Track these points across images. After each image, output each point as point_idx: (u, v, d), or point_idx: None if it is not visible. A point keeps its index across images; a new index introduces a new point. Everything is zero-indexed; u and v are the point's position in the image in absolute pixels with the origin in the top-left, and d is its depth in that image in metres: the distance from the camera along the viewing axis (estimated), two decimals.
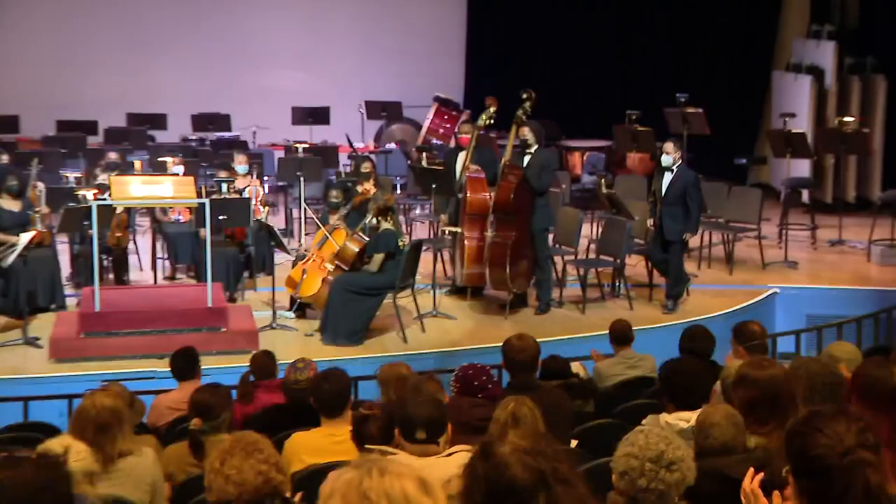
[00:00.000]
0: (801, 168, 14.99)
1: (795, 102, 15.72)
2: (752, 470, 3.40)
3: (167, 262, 12.53)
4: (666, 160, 11.03)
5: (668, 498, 3.38)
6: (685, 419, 4.99)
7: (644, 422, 3.93)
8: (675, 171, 10.98)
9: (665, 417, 5.10)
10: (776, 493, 3.34)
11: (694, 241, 13.09)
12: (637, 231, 12.04)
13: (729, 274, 12.77)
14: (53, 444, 4.47)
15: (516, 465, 2.59)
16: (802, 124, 15.02)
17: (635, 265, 12.34)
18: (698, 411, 4.83)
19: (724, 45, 17.08)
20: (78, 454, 4.32)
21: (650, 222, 11.24)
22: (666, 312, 11.15)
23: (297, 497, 4.36)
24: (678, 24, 17.34)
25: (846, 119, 14.42)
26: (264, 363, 7.71)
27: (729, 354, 7.00)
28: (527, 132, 11.28)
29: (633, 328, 8.50)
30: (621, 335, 8.32)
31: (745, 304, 11.61)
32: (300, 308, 11.07)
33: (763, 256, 12.94)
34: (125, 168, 12.92)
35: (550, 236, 11.75)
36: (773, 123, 15.91)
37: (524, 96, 11.25)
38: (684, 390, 5.30)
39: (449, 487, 3.28)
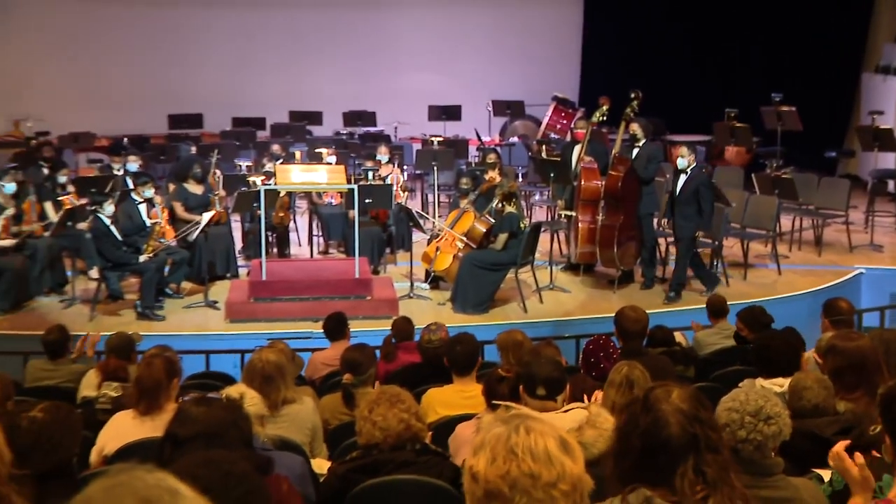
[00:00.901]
0: (888, 161, 14.46)
1: (883, 101, 15.25)
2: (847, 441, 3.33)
3: (321, 239, 12.72)
4: (681, 163, 10.55)
5: (765, 449, 3.31)
6: (779, 384, 4.86)
7: (741, 385, 3.88)
8: (689, 173, 10.51)
9: (760, 382, 4.96)
10: (857, 454, 3.29)
11: (785, 226, 12.82)
12: (734, 216, 11.85)
13: (818, 256, 12.42)
14: (231, 391, 4.56)
15: (674, 425, 2.57)
16: (889, 121, 14.50)
17: (732, 247, 12.10)
18: (791, 378, 4.71)
19: (816, 49, 16.53)
20: (251, 400, 4.41)
21: (665, 222, 10.87)
22: (666, 302, 10.63)
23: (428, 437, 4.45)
24: (774, 28, 16.88)
25: None
26: (403, 327, 7.79)
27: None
28: (635, 128, 11.18)
29: (728, 302, 8.39)
30: (718, 308, 8.21)
31: (832, 283, 11.27)
32: (434, 280, 11.14)
33: (850, 240, 12.54)
34: (287, 158, 13.14)
35: (655, 220, 11.63)
36: (863, 120, 15.39)
37: (632, 96, 11.11)
38: (775, 362, 5.14)
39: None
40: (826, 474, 3.71)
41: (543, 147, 14.04)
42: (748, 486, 2.76)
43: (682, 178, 10.60)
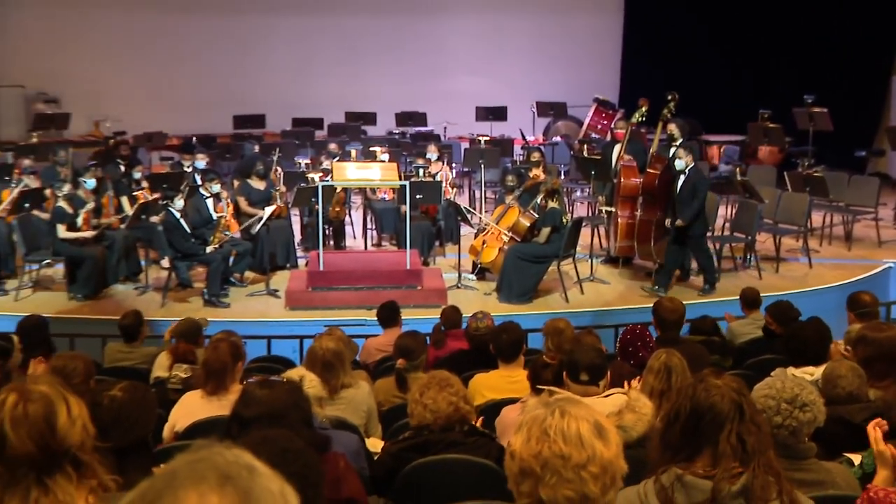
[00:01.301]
0: None
1: None
2: (879, 419, 3.30)
3: (375, 232, 12.72)
4: (679, 164, 10.28)
5: (799, 434, 3.30)
6: (809, 373, 4.81)
7: (773, 374, 3.85)
8: (687, 173, 10.25)
9: (792, 371, 4.92)
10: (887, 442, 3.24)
11: (816, 221, 12.59)
12: (767, 213, 11.71)
13: (847, 250, 12.21)
14: (292, 374, 4.55)
15: (722, 395, 2.66)
16: None
17: (764, 241, 11.95)
18: (822, 367, 4.66)
19: (848, 53, 16.25)
20: (311, 383, 4.42)
21: (668, 221, 10.67)
22: (700, 294, 10.43)
23: (479, 422, 4.45)
24: (806, 33, 16.60)
25: None
26: (452, 315, 7.77)
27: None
28: (673, 128, 11.09)
29: (761, 294, 8.28)
30: (751, 300, 8.11)
31: (861, 277, 11.06)
32: (480, 272, 11.10)
33: (879, 235, 12.37)
34: (343, 156, 13.13)
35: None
36: (892, 121, 15.15)
37: (669, 97, 11.03)
38: (805, 352, 5.08)
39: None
40: (857, 458, 3.68)
41: (585, 146, 13.99)
42: (783, 468, 2.76)
43: (682, 178, 10.36)
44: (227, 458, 1.26)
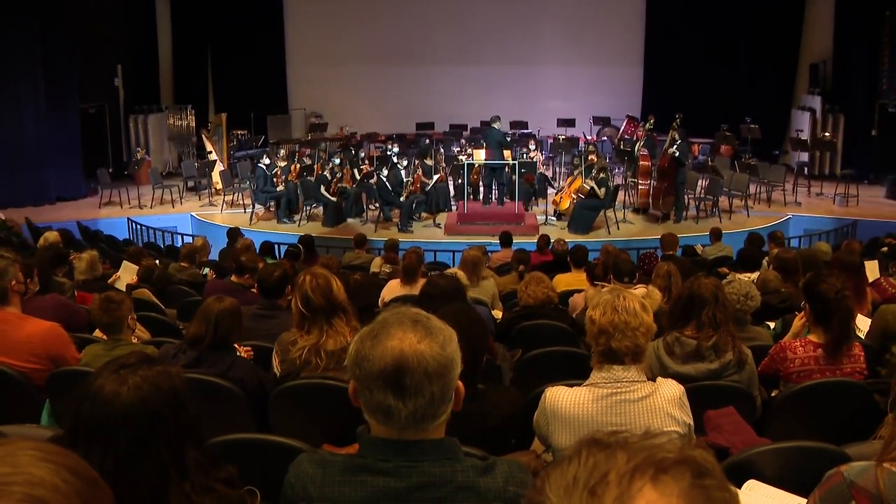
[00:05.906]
0: (804, 156, 13.45)
1: (802, 124, 14.13)
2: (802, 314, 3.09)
3: (496, 190, 12.60)
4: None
5: (746, 313, 3.25)
6: (747, 276, 4.70)
7: (728, 277, 3.68)
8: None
9: (737, 275, 4.77)
10: (800, 316, 3.06)
11: (752, 189, 11.94)
12: (725, 185, 11.30)
13: (768, 207, 11.65)
14: (451, 272, 4.61)
15: (706, 288, 2.60)
16: (805, 135, 13.55)
17: (723, 201, 11.40)
18: (755, 273, 4.61)
19: (770, 95, 15.11)
20: (462, 276, 4.38)
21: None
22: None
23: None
24: (751, 82, 15.32)
25: (825, 133, 13.16)
26: (547, 239, 7.69)
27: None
28: (675, 135, 10.52)
29: (723, 231, 8.01)
30: (716, 234, 7.97)
31: (776, 222, 10.68)
32: (559, 215, 10.93)
33: (784, 199, 11.82)
34: (478, 146, 12.94)
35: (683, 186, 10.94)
36: (792, 134, 14.24)
37: (677, 116, 10.74)
38: (748, 264, 4.95)
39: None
40: (772, 324, 3.63)
41: (621, 143, 13.39)
42: (736, 333, 2.72)
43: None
44: (412, 311, 1.31)
